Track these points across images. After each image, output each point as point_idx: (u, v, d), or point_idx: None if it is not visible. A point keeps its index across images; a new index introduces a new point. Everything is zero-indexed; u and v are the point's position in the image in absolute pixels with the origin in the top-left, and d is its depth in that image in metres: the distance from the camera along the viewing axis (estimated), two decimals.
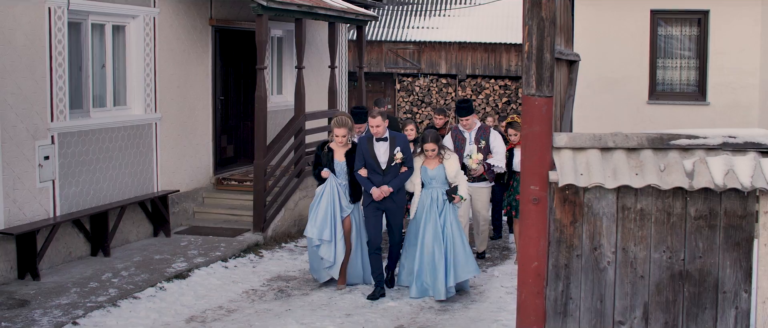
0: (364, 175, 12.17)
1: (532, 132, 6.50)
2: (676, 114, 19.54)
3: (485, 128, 13.97)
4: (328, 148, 12.58)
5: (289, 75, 19.97)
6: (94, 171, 13.61)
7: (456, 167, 12.24)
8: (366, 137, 12.34)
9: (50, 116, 12.65)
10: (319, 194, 12.44)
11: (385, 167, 12.11)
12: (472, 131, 13.82)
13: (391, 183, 12.07)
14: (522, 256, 6.59)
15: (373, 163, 12.14)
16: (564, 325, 6.53)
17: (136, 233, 14.71)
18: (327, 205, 12.32)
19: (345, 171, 12.45)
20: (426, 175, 12.18)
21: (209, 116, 16.88)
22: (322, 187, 12.48)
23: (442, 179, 12.15)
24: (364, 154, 12.23)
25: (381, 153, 12.15)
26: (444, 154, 12.27)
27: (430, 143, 12.17)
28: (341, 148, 12.50)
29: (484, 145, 13.73)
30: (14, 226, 12.01)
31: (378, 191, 12.01)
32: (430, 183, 12.16)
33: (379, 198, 12.02)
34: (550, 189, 6.47)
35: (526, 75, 6.51)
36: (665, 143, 6.48)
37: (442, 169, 12.17)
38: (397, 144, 12.18)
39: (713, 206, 6.35)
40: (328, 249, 12.27)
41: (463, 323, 10.61)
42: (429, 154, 12.20)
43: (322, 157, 12.57)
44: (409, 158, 12.21)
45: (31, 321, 10.30)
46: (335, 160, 12.46)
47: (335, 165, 12.44)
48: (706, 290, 6.40)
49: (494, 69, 31.70)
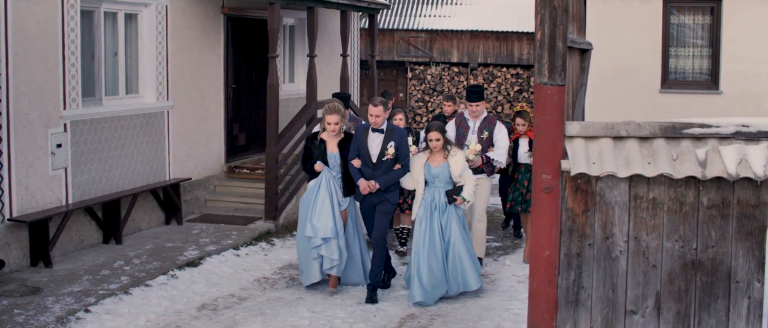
0: (357, 166, 11.46)
1: (545, 121, 6.49)
2: (688, 103, 19.48)
3: (491, 119, 13.05)
4: (320, 139, 11.76)
5: (301, 63, 19.97)
6: (107, 159, 13.63)
7: (462, 164, 11.39)
8: (364, 126, 11.65)
9: (63, 104, 12.67)
10: (314, 189, 11.63)
11: (376, 161, 11.38)
12: (477, 120, 12.97)
13: (378, 180, 11.33)
14: (534, 245, 6.58)
15: (365, 154, 11.44)
16: (576, 314, 6.53)
17: (148, 221, 14.74)
18: (326, 199, 11.55)
19: (339, 163, 11.69)
20: (429, 172, 11.38)
21: (221, 104, 16.89)
22: (315, 181, 11.69)
23: (447, 177, 11.33)
24: (358, 143, 11.52)
25: (374, 145, 11.42)
26: (450, 150, 11.41)
27: (434, 132, 11.36)
28: (334, 138, 11.72)
29: (487, 137, 12.87)
30: (27, 213, 12.04)
31: (364, 182, 11.32)
32: (433, 182, 11.39)
33: (365, 191, 11.32)
34: (562, 178, 6.46)
35: (539, 64, 6.49)
36: (678, 132, 6.46)
37: (446, 167, 11.33)
38: (393, 139, 11.38)
39: (726, 195, 6.33)
40: (331, 247, 11.49)
41: (475, 311, 10.61)
42: (433, 145, 11.34)
43: (314, 149, 11.76)
44: (404, 155, 11.46)
45: (44, 308, 10.33)
46: (328, 152, 11.68)
47: (328, 157, 11.67)
48: (718, 279, 6.39)
49: (506, 57, 31.64)
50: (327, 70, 20.51)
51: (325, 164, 11.63)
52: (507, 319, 10.31)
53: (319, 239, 11.45)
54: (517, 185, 13.44)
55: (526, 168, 13.38)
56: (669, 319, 6.43)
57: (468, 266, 11.23)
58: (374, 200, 11.46)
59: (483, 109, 13.11)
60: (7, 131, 11.70)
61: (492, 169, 12.98)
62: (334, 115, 11.59)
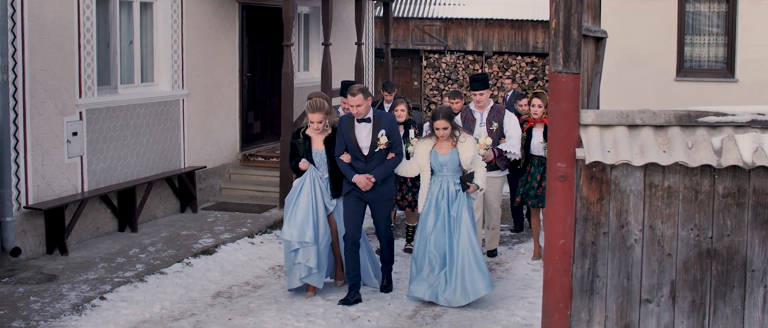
0: (347, 161, 10.58)
1: (560, 109, 6.48)
2: (704, 91, 19.44)
3: (499, 109, 12.31)
4: (305, 136, 10.89)
5: (316, 52, 19.97)
6: (122, 147, 13.67)
7: (472, 151, 10.57)
8: (347, 117, 10.72)
9: (78, 93, 12.71)
10: (297, 187, 10.82)
11: (368, 153, 10.54)
12: (483, 111, 12.23)
13: (373, 172, 10.54)
14: (548, 233, 6.58)
15: (354, 148, 10.56)
16: (591, 303, 6.53)
17: (163, 209, 14.77)
18: (307, 201, 10.69)
19: (325, 161, 10.81)
20: (436, 160, 10.58)
21: (236, 93, 16.91)
22: (299, 180, 10.89)
23: (455, 165, 10.56)
24: (344, 137, 10.61)
25: (363, 136, 10.56)
26: (458, 137, 10.59)
27: (441, 120, 10.48)
28: (319, 135, 10.83)
29: (497, 128, 12.13)
30: (43, 201, 12.09)
31: (363, 177, 10.47)
32: (441, 170, 10.60)
33: (366, 187, 10.49)
34: (577, 166, 6.46)
35: (553, 52, 6.48)
36: (693, 120, 6.44)
37: (455, 154, 10.52)
38: (382, 126, 10.54)
39: (742, 183, 6.32)
40: (307, 253, 10.63)
41: (490, 300, 10.61)
42: (440, 133, 10.53)
43: (299, 147, 10.89)
44: (397, 142, 10.67)
45: (60, 296, 10.37)
46: (313, 150, 10.82)
47: (314, 155, 10.82)
48: (734, 268, 6.37)
49: (521, 46, 31.56)
50: (342, 58, 20.51)
51: (310, 162, 10.82)
52: (521, 307, 10.31)
53: (297, 243, 10.62)
54: (528, 178, 12.40)
55: (539, 161, 12.25)
56: (684, 308, 6.42)
57: (476, 271, 10.39)
58: (369, 196, 10.64)
59: (489, 99, 12.35)
60: (23, 119, 11.73)
61: (506, 162, 12.42)
62: (318, 113, 10.67)
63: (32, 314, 9.76)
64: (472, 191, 10.57)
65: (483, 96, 12.16)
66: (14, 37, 11.54)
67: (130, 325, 9.51)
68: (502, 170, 12.45)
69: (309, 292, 10.75)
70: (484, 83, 12.19)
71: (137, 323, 9.57)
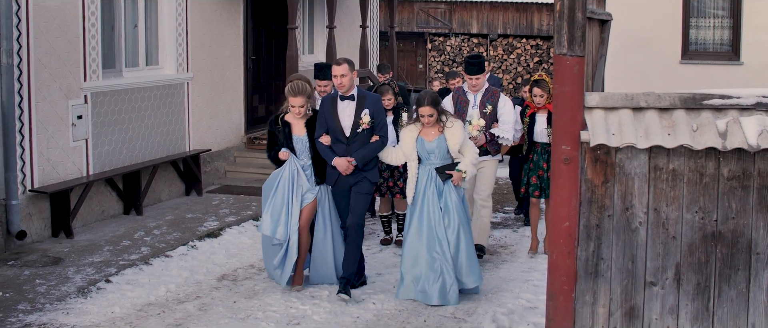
0: (327, 143, 9.97)
1: (564, 92, 6.48)
2: (709, 74, 19.42)
3: (493, 92, 11.52)
4: (284, 122, 10.21)
5: (321, 34, 19.96)
6: (127, 130, 13.68)
7: (460, 136, 9.87)
8: (330, 96, 10.13)
9: (83, 76, 12.71)
10: (275, 179, 10.20)
11: (350, 134, 9.93)
12: (477, 94, 11.47)
13: (355, 154, 9.90)
14: (553, 216, 6.58)
15: (336, 128, 9.95)
16: (595, 285, 6.54)
17: (168, 192, 14.80)
18: (284, 198, 10.09)
19: (307, 147, 10.16)
20: (423, 148, 9.91)
21: (241, 76, 16.91)
22: (279, 171, 10.24)
23: (443, 153, 9.88)
24: (325, 116, 10.02)
25: (346, 116, 9.95)
26: (445, 122, 9.91)
27: (426, 106, 9.80)
28: (300, 120, 10.16)
29: (490, 112, 11.39)
30: (48, 184, 12.11)
31: (343, 160, 9.86)
32: (428, 158, 9.93)
33: (346, 171, 9.88)
34: (582, 149, 6.46)
35: (558, 34, 6.48)
36: (698, 103, 6.44)
37: (442, 140, 9.85)
38: (366, 106, 9.92)
39: (746, 166, 6.32)
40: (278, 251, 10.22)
41: (495, 282, 10.62)
42: (426, 120, 9.84)
43: (278, 134, 10.21)
44: (381, 124, 10.01)
45: (65, 278, 10.40)
46: (294, 136, 10.16)
47: (295, 142, 10.16)
48: (739, 251, 6.38)
49: (526, 28, 31.53)
50: (346, 41, 20.50)
51: (291, 152, 10.15)
52: (526, 290, 10.32)
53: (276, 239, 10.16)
54: (531, 167, 11.69)
55: (542, 148, 11.59)
56: (689, 290, 6.43)
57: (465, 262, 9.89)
58: (351, 180, 10.02)
59: (484, 82, 11.56)
60: (28, 103, 11.74)
61: (498, 148, 11.60)
62: (300, 97, 10.02)
63: (38, 296, 9.79)
64: (457, 180, 9.87)
65: (479, 80, 11.37)
66: (19, 21, 11.54)
67: (136, 307, 9.54)
68: (493, 154, 11.55)
69: (296, 284, 10.26)
70: (480, 67, 11.39)
71: (142, 306, 9.60)
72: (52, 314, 9.27)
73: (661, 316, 6.47)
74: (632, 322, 6.51)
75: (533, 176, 11.64)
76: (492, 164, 11.58)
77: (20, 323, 8.99)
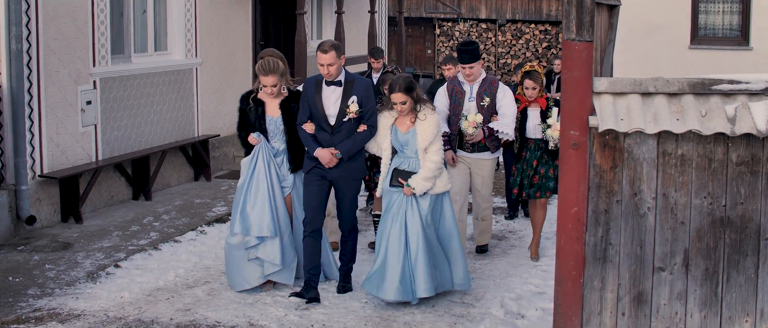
0: (310, 131, 9.10)
1: (572, 77, 6.47)
2: (718, 59, 19.40)
3: (491, 81, 10.54)
4: (256, 101, 9.35)
5: (329, 20, 19.96)
6: (136, 116, 13.70)
7: (431, 133, 8.91)
8: (315, 79, 9.18)
9: (92, 62, 12.73)
10: (248, 169, 9.29)
11: (335, 123, 9.03)
12: (474, 84, 10.50)
13: (339, 146, 9.02)
14: (561, 201, 6.58)
15: (319, 116, 9.06)
16: (603, 270, 6.54)
17: (177, 178, 14.82)
18: (263, 187, 9.19)
19: (281, 130, 9.30)
20: (396, 138, 9.08)
21: (249, 61, 16.92)
22: (249, 160, 9.33)
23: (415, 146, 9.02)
24: (309, 102, 9.11)
25: (331, 103, 9.06)
26: (420, 111, 8.98)
27: (398, 93, 8.89)
28: (274, 99, 9.33)
29: (488, 104, 10.45)
30: (57, 170, 12.14)
31: (326, 152, 8.99)
32: (403, 151, 9.08)
33: (329, 164, 9.02)
34: (590, 134, 6.45)
35: (566, 19, 6.46)
36: (707, 88, 6.43)
37: (413, 134, 8.97)
38: (354, 92, 8.99)
39: (755, 151, 6.31)
40: (270, 248, 9.26)
41: (503, 268, 10.63)
42: (399, 108, 8.96)
43: (249, 114, 9.35)
44: (370, 113, 9.07)
45: (75, 264, 10.43)
46: (267, 117, 9.31)
47: (267, 123, 9.30)
48: (747, 236, 6.37)
49: (534, 14, 31.48)
50: (355, 26, 20.49)
51: (263, 135, 9.31)
52: (535, 275, 10.33)
53: (254, 237, 9.24)
54: (524, 166, 10.82)
55: (535, 145, 10.75)
56: (697, 276, 6.43)
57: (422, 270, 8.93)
58: (334, 174, 9.13)
59: (481, 70, 10.56)
60: (37, 88, 11.76)
61: (498, 143, 10.69)
62: (271, 75, 9.15)
63: (47, 281, 9.82)
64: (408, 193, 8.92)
65: (473, 69, 10.38)
66: (28, 6, 11.55)
67: (145, 292, 9.57)
68: (492, 151, 10.68)
69: (268, 285, 9.54)
70: (474, 55, 10.38)
71: (151, 291, 9.62)
72: (62, 298, 9.30)
73: (669, 301, 6.47)
74: (640, 307, 6.51)
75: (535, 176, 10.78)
76: (490, 163, 10.80)
77: (30, 307, 9.03)
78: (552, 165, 10.72)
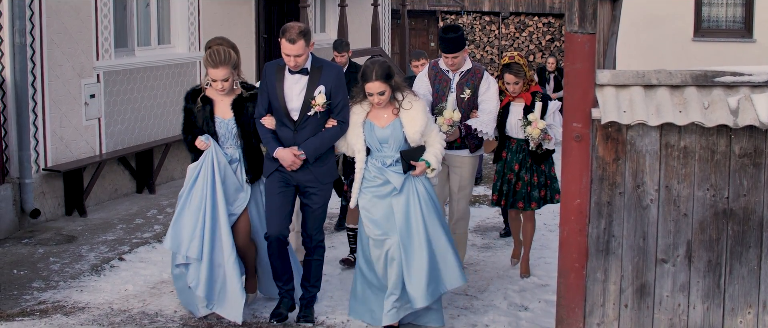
0: (270, 126, 7.74)
1: (575, 69, 6.48)
2: (721, 51, 19.39)
3: (476, 71, 9.15)
4: (204, 99, 7.91)
5: (332, 13, 19.95)
6: (139, 109, 13.72)
7: (421, 120, 7.69)
8: (276, 64, 7.80)
9: (96, 55, 12.74)
10: (192, 177, 7.98)
11: (298, 118, 7.67)
12: (457, 73, 9.11)
13: (303, 145, 7.66)
14: (564, 193, 6.59)
15: (280, 109, 7.67)
16: (606, 262, 6.55)
17: (180, 170, 14.84)
18: (197, 200, 7.88)
19: (234, 134, 7.93)
20: (372, 136, 7.74)
21: (253, 55, 16.93)
22: (195, 165, 7.98)
23: (400, 142, 7.72)
24: (269, 91, 7.72)
25: (294, 94, 7.67)
26: (402, 102, 7.70)
27: (375, 81, 7.57)
28: (225, 98, 7.93)
29: (469, 97, 9.07)
30: (61, 163, 12.16)
31: (288, 153, 7.62)
32: (381, 149, 7.75)
33: (292, 166, 7.67)
34: (593, 126, 6.46)
35: (569, 12, 6.47)
36: (709, 80, 6.43)
37: (398, 126, 7.68)
38: (322, 82, 7.61)
39: (758, 143, 6.31)
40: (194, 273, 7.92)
41: (506, 260, 10.64)
42: (376, 100, 7.63)
43: (196, 115, 7.91)
44: (341, 106, 7.71)
45: (79, 257, 10.45)
46: (217, 118, 7.91)
47: (217, 125, 7.91)
48: (750, 228, 6.38)
49: (538, 6, 31.43)
50: (358, 19, 20.48)
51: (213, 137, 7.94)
52: (538, 267, 10.33)
53: (182, 256, 7.97)
54: (504, 169, 9.50)
55: (517, 145, 9.43)
56: (700, 268, 6.44)
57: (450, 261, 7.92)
58: (299, 178, 7.78)
59: (465, 59, 9.16)
60: (41, 82, 11.78)
61: (479, 142, 9.31)
62: (221, 68, 7.70)
63: (52, 274, 9.84)
64: (420, 172, 7.70)
65: (458, 59, 9.01)
66: (31, 0, 11.56)
67: (149, 285, 9.58)
68: (472, 151, 9.29)
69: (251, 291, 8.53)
70: (458, 43, 8.96)
71: (156, 284, 9.64)
72: (66, 291, 9.32)
73: (672, 293, 6.49)
74: (643, 299, 6.53)
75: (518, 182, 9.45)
76: (470, 161, 9.37)
77: (34, 300, 9.05)
78: (536, 171, 9.45)
